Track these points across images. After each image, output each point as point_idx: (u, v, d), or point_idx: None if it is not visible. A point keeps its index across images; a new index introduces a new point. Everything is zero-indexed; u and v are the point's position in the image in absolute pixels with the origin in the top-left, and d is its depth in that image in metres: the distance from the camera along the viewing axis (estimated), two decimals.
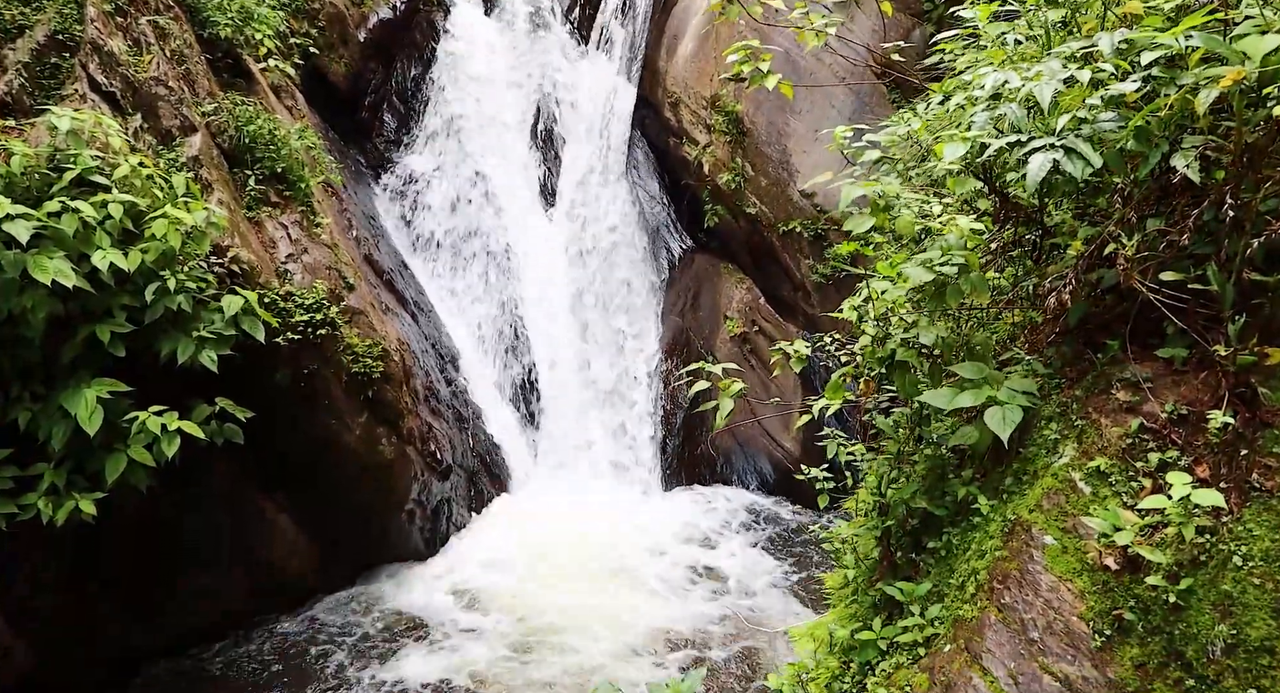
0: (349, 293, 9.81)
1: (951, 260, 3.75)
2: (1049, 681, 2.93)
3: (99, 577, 8.49)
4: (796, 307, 13.51)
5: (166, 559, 8.90)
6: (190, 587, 9.11)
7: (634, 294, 14.06)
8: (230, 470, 9.19)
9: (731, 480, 12.85)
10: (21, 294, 6.86)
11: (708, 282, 13.97)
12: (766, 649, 9.41)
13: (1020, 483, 3.52)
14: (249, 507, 9.49)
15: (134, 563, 8.66)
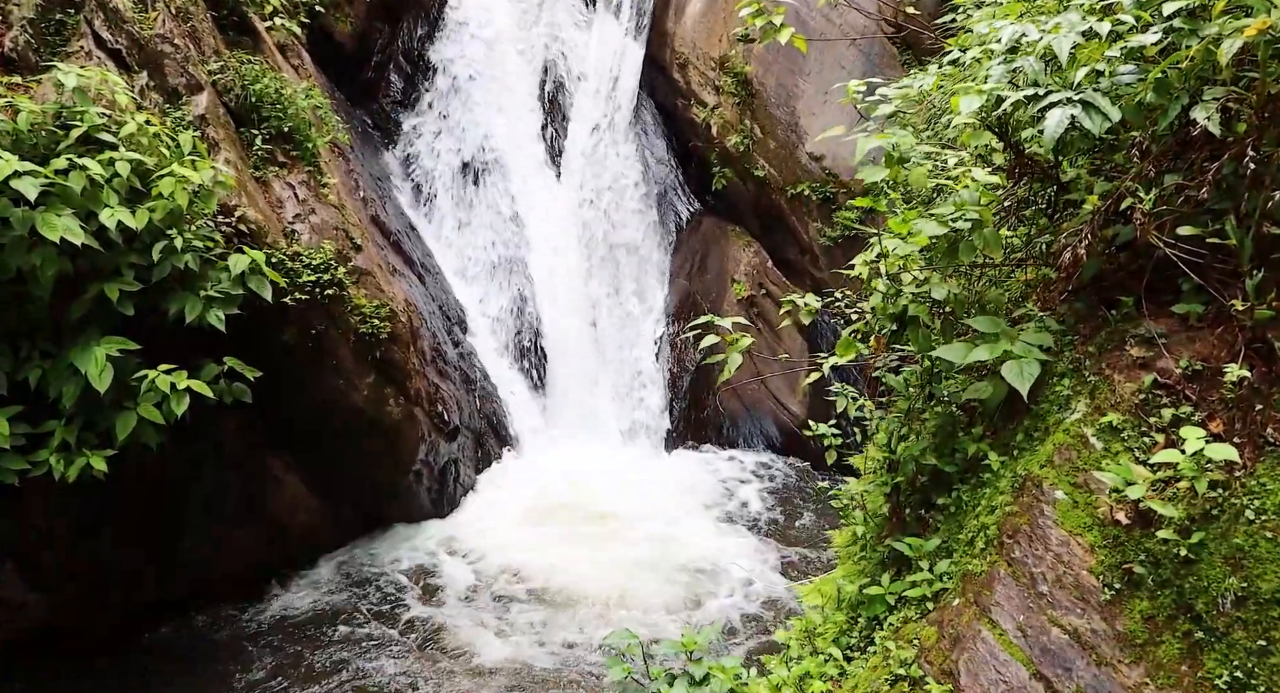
0: (356, 254, 9.79)
1: (965, 216, 3.72)
2: (1058, 633, 2.95)
3: (111, 533, 8.56)
4: (804, 270, 13.46)
5: (177, 516, 8.97)
6: (200, 543, 9.19)
7: (641, 257, 14.02)
8: (239, 430, 9.24)
9: (738, 443, 12.89)
10: (30, 252, 6.86)
11: (715, 245, 13.92)
12: (772, 605, 9.49)
13: (1031, 439, 3.51)
14: (258, 466, 9.55)
15: (145, 520, 8.74)
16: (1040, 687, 2.88)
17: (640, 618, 9.19)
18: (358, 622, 9.27)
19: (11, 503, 7.70)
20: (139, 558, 8.82)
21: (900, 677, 3.20)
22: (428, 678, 8.48)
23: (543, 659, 8.75)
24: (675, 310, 13.69)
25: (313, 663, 8.64)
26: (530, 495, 11.40)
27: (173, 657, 8.71)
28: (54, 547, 8.32)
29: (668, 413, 13.20)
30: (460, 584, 9.91)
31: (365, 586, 9.86)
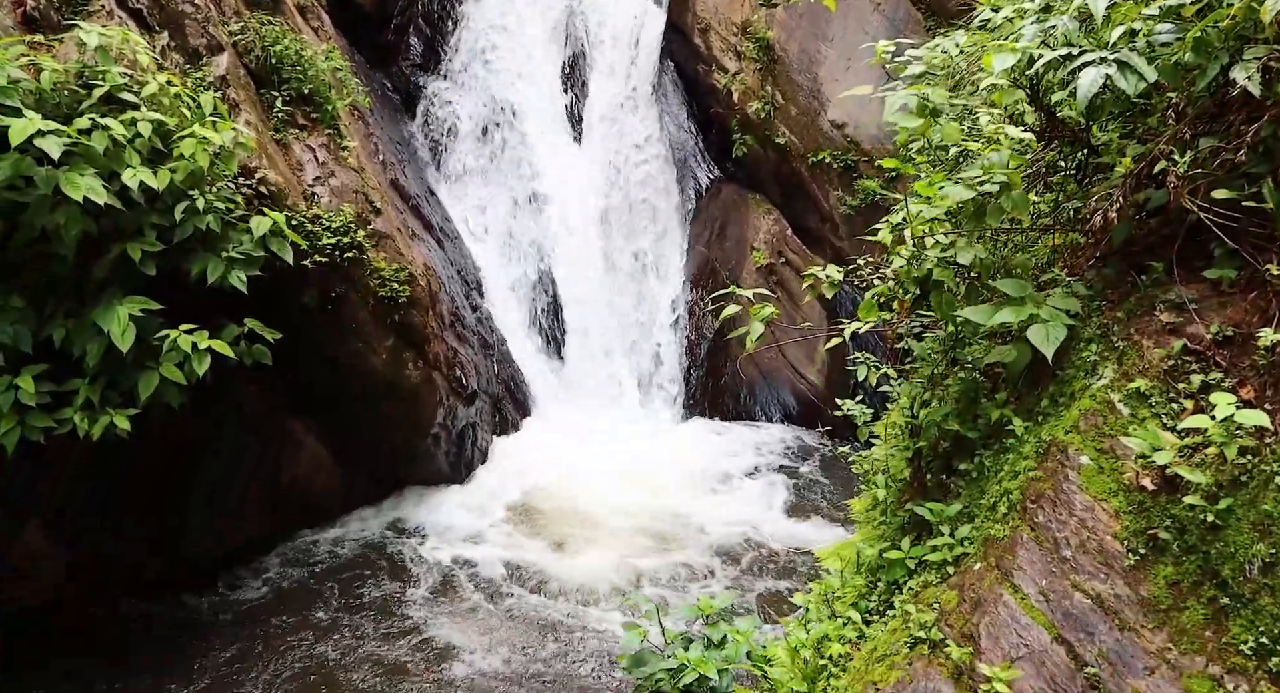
0: (376, 217, 9.79)
1: (993, 178, 3.67)
2: (1080, 598, 2.94)
3: (133, 491, 8.65)
4: (824, 238, 13.38)
5: (199, 476, 9.06)
6: (221, 503, 9.29)
7: (660, 224, 13.96)
8: (259, 392, 9.30)
9: (755, 412, 12.89)
10: (54, 211, 6.89)
11: (735, 212, 13.84)
12: (790, 568, 9.53)
13: (1056, 405, 3.49)
14: (277, 428, 9.62)
15: (167, 479, 8.83)
16: (1062, 651, 2.88)
17: (650, 590, 9.25)
18: (375, 582, 9.37)
19: (37, 461, 7.79)
20: (160, 517, 8.92)
21: (920, 640, 3.20)
22: (438, 638, 8.59)
23: (552, 623, 8.83)
24: (694, 278, 13.64)
25: (329, 622, 8.75)
26: (545, 461, 11.45)
27: (191, 615, 8.84)
28: (78, 506, 8.43)
29: (685, 381, 13.20)
30: (474, 548, 10.00)
31: (382, 548, 9.96)
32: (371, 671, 8.14)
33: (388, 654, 8.35)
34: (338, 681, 8.01)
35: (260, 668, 8.16)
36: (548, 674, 8.13)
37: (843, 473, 11.43)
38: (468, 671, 8.16)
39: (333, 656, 8.31)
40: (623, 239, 13.71)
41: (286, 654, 8.33)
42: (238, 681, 8.04)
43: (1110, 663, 2.79)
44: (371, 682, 8.00)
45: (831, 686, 3.60)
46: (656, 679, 3.77)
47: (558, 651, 8.44)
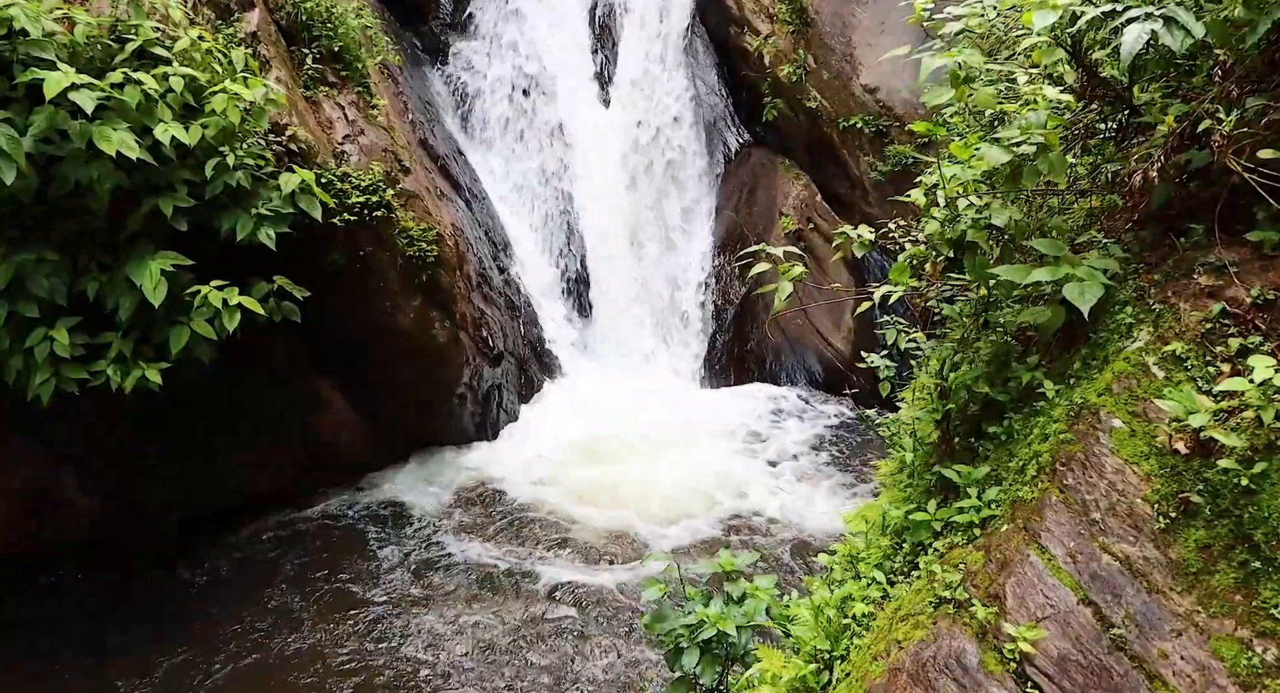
0: (404, 176, 9.80)
1: (1031, 139, 3.61)
2: (1108, 560, 2.93)
3: (163, 444, 8.79)
4: (854, 205, 13.25)
5: (227, 431, 9.18)
6: (249, 458, 9.42)
7: (689, 188, 13.88)
8: (287, 349, 9.39)
9: (780, 377, 12.86)
10: (88, 165, 6.94)
11: (764, 177, 13.73)
12: (813, 531, 9.57)
13: (1089, 368, 3.45)
14: (305, 385, 9.72)
15: (196, 433, 8.94)
16: (1088, 612, 2.87)
17: (670, 547, 9.31)
18: (396, 540, 9.51)
19: (70, 411, 7.91)
20: (187, 470, 9.05)
21: (945, 599, 3.20)
22: (460, 593, 8.71)
23: (571, 580, 8.93)
24: (721, 242, 13.57)
25: (351, 577, 8.90)
26: (571, 423, 11.51)
27: (214, 567, 9.01)
28: (108, 455, 8.57)
29: (710, 345, 13.19)
30: (498, 507, 10.09)
31: (406, 506, 10.08)
32: (394, 617, 8.32)
33: (408, 606, 8.51)
34: (359, 624, 8.17)
35: (285, 614, 8.33)
36: (568, 631, 8.23)
37: (866, 439, 11.43)
38: (486, 622, 8.29)
39: (355, 602, 8.48)
40: (650, 203, 13.64)
41: (312, 599, 8.52)
42: (264, 625, 8.21)
43: (1137, 625, 2.78)
44: (394, 627, 8.17)
45: (854, 644, 3.62)
46: (676, 635, 3.80)
47: (578, 605, 8.54)
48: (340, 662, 7.84)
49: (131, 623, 8.23)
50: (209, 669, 7.74)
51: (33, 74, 6.59)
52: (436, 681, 7.68)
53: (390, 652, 7.96)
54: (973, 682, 2.90)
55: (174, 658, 7.84)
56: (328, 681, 7.65)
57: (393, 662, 7.84)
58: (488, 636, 8.19)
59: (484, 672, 7.79)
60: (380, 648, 8.01)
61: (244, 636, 8.12)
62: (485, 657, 7.97)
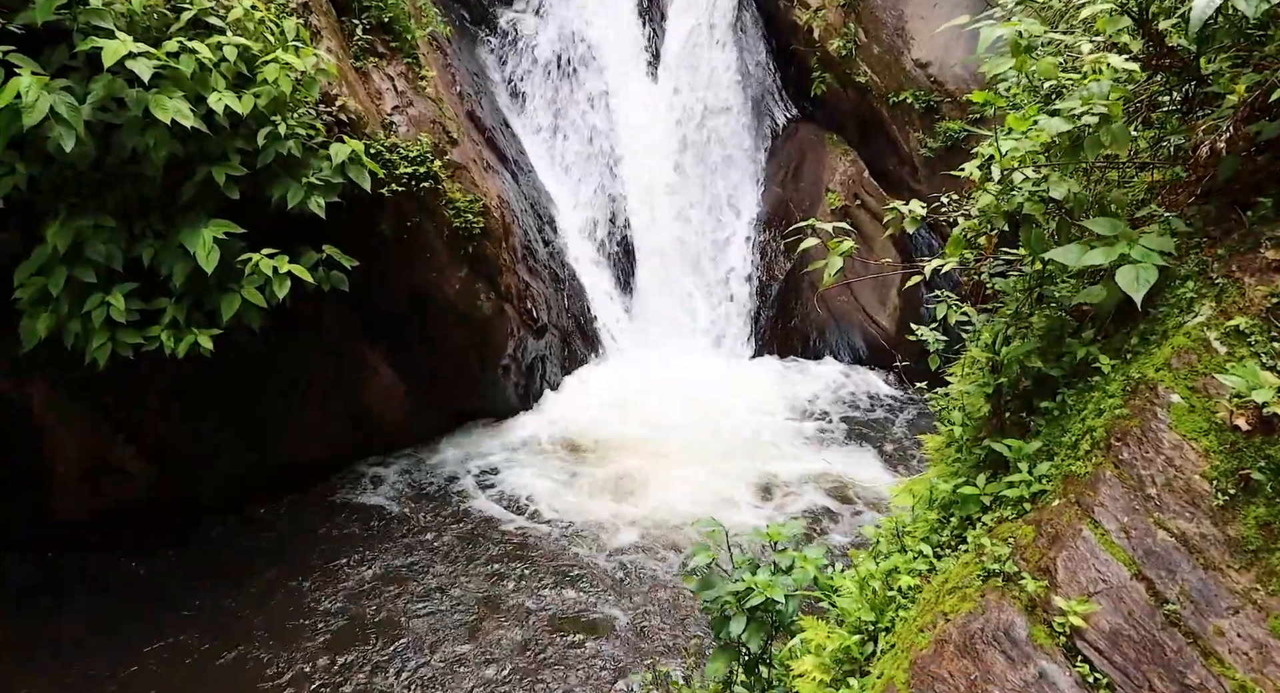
0: (452, 147, 9.83)
1: (1093, 109, 3.54)
2: (1163, 536, 2.89)
3: (213, 411, 8.94)
4: (902, 181, 13.10)
5: (276, 398, 9.32)
6: (295, 427, 9.57)
7: (735, 163, 13.79)
8: (337, 319, 9.49)
9: (823, 354, 12.80)
10: (144, 133, 7.04)
11: (811, 152, 13.61)
12: (855, 506, 9.55)
13: (1147, 343, 3.39)
14: (353, 354, 9.84)
15: (244, 400, 9.09)
16: (1141, 587, 2.84)
17: (715, 516, 9.34)
18: (438, 508, 9.63)
19: (125, 377, 8.08)
20: (237, 436, 9.22)
21: (994, 572, 3.18)
22: (501, 557, 8.83)
23: (617, 547, 9.01)
24: (767, 218, 13.49)
25: (392, 545, 9.02)
26: (614, 397, 11.56)
27: (263, 531, 9.20)
28: (162, 420, 8.75)
29: (754, 321, 13.15)
30: (540, 475, 10.17)
31: (450, 474, 10.20)
32: (435, 582, 8.45)
33: (451, 569, 8.64)
34: (399, 590, 8.30)
35: (330, 573, 8.47)
36: (608, 596, 8.31)
37: (910, 417, 11.35)
38: (526, 589, 8.38)
39: (398, 569, 8.60)
40: (696, 177, 13.58)
41: (355, 561, 8.67)
42: (302, 591, 8.37)
43: (1192, 601, 2.74)
44: (434, 592, 8.31)
45: (900, 616, 3.61)
46: (723, 602, 3.82)
47: (621, 574, 8.61)
48: (380, 619, 8.00)
49: (188, 582, 8.44)
50: (255, 621, 7.94)
51: (92, 42, 6.68)
52: (480, 644, 7.80)
53: (430, 613, 8.09)
54: (1021, 654, 2.89)
55: (225, 614, 8.05)
56: (368, 634, 7.81)
57: (432, 622, 7.97)
58: (523, 603, 8.29)
59: (523, 636, 7.89)
60: (419, 608, 8.15)
61: (289, 593, 8.29)
62: (523, 622, 8.07)
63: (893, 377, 12.14)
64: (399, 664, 7.56)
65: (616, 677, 7.37)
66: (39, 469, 8.51)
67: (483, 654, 7.69)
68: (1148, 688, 2.68)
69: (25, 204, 7.26)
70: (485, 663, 7.59)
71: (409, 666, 7.55)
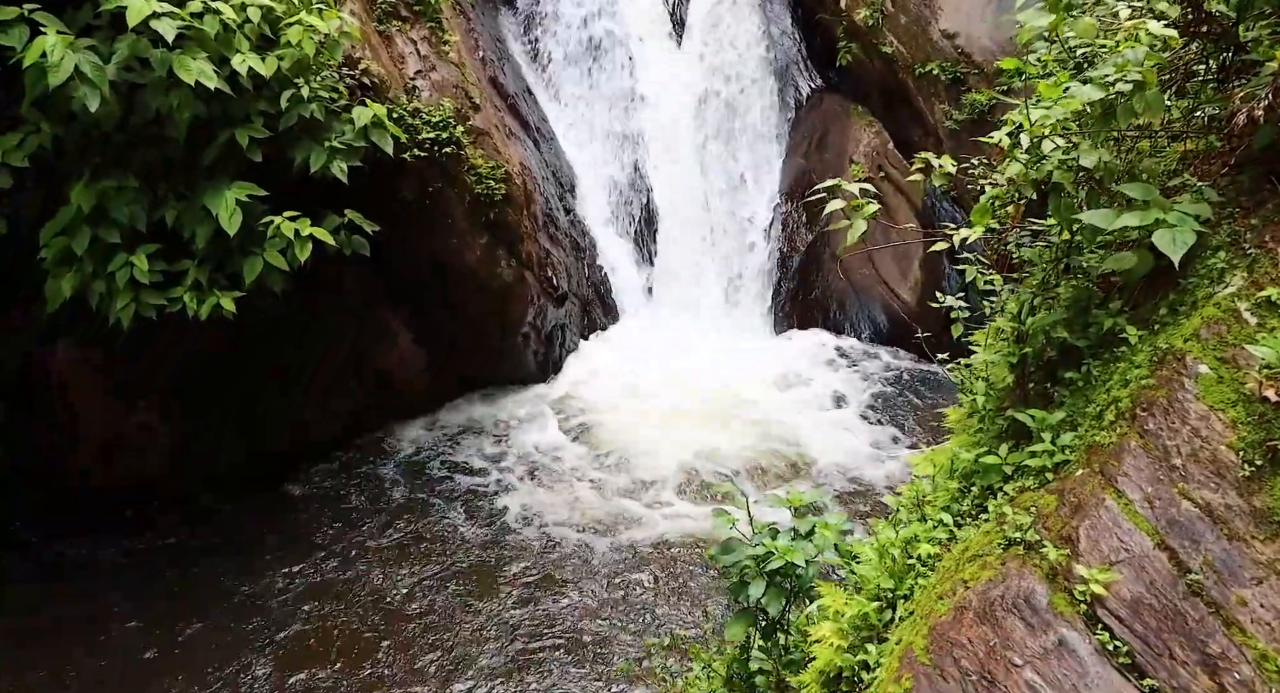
0: (474, 113, 9.80)
1: (1127, 77, 3.48)
2: (1188, 506, 2.87)
3: (237, 373, 9.00)
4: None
5: (298, 361, 9.37)
6: (320, 389, 9.63)
7: (758, 133, 13.68)
8: (359, 284, 9.52)
9: (843, 328, 12.74)
10: (168, 94, 7.05)
11: (835, 124, 13.47)
12: (873, 477, 9.57)
13: (1176, 314, 3.36)
14: (374, 320, 9.87)
15: (269, 362, 9.15)
16: (1164, 557, 2.83)
17: (730, 487, 9.38)
18: (456, 473, 9.72)
19: (148, 339, 8.14)
20: (263, 399, 9.29)
21: (1015, 541, 3.17)
22: (516, 523, 8.95)
23: (627, 514, 9.08)
24: (789, 189, 13.39)
25: (413, 509, 9.14)
26: (632, 367, 11.56)
27: (286, 496, 9.28)
28: (186, 383, 8.82)
29: (774, 292, 13.09)
30: (555, 443, 10.22)
31: (468, 441, 10.27)
32: (453, 547, 8.62)
33: (464, 534, 8.77)
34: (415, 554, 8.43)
35: (350, 541, 8.59)
36: (617, 561, 8.38)
37: (930, 390, 11.32)
38: (536, 553, 8.49)
39: (413, 535, 8.75)
40: (719, 147, 13.48)
41: (377, 525, 8.83)
42: (321, 549, 8.50)
43: (1215, 571, 2.73)
44: (452, 557, 8.47)
45: (919, 584, 3.61)
46: (742, 566, 3.83)
47: (630, 539, 8.69)
48: (406, 585, 8.14)
49: (208, 552, 8.55)
50: (281, 588, 8.05)
51: (116, 2, 6.68)
52: (494, 594, 7.94)
53: (446, 577, 8.22)
54: (1041, 622, 2.89)
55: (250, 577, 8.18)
56: (388, 595, 7.97)
57: (452, 587, 8.09)
58: (531, 559, 8.41)
59: (539, 596, 7.99)
60: (438, 573, 8.26)
61: (313, 560, 8.41)
62: (537, 581, 8.18)
63: (913, 350, 12.09)
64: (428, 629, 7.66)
65: (640, 634, 7.47)
66: (61, 436, 8.61)
67: (494, 619, 7.78)
68: (1168, 656, 2.68)
69: (50, 164, 7.30)
70: (496, 626, 7.69)
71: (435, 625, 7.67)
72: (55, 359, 8.35)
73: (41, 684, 7.12)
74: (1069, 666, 2.78)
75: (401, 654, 7.39)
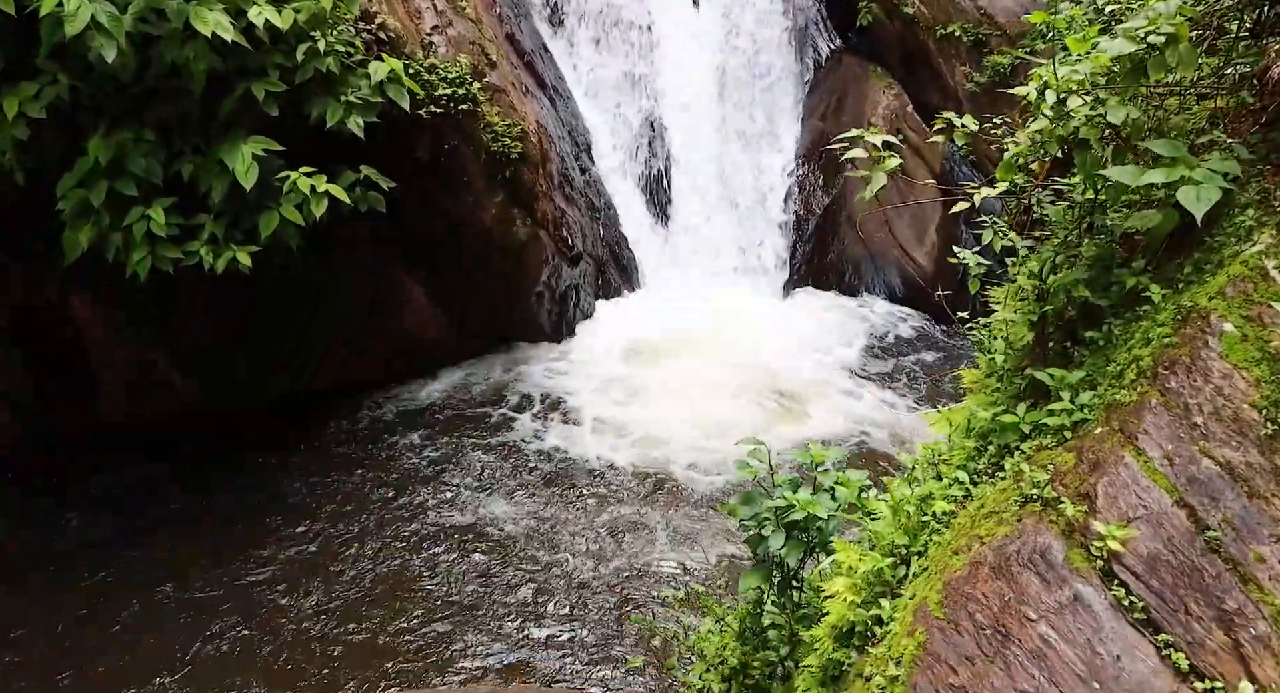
0: (491, 70, 9.73)
1: (1159, 30, 3.42)
2: (1208, 464, 2.86)
3: (253, 327, 9.05)
4: None
5: (315, 317, 9.41)
6: (336, 345, 9.67)
7: (776, 94, 13.55)
8: (374, 241, 9.52)
9: (859, 290, 12.70)
10: (184, 46, 7.01)
11: (854, 85, 13.32)
12: (887, 438, 9.60)
13: (1200, 273, 3.32)
14: (389, 277, 9.89)
15: (285, 317, 9.19)
16: (1183, 514, 2.82)
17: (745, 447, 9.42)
18: (468, 430, 9.79)
19: (165, 293, 8.17)
20: (279, 353, 9.34)
21: (1032, 497, 3.17)
22: (532, 478, 9.07)
23: (641, 471, 9.14)
24: (806, 151, 13.29)
25: (429, 461, 9.27)
26: (646, 327, 11.57)
27: (303, 448, 9.36)
28: (202, 337, 8.87)
29: (790, 255, 13.04)
30: (568, 404, 10.28)
31: (480, 398, 10.33)
32: (465, 498, 8.78)
33: (481, 484, 8.94)
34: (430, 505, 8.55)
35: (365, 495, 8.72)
36: (631, 515, 8.46)
37: (945, 354, 11.30)
38: (547, 507, 8.58)
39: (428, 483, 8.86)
40: (736, 108, 13.36)
41: (392, 481, 8.93)
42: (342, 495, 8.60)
43: (1234, 528, 2.72)
44: (463, 505, 8.62)
45: (933, 540, 3.62)
46: (761, 519, 3.85)
47: (643, 494, 8.75)
48: (424, 534, 8.31)
49: (222, 495, 8.65)
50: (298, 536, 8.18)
51: None
52: (515, 547, 8.09)
53: (451, 527, 8.33)
54: (1057, 577, 2.89)
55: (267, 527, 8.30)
56: (407, 543, 8.15)
57: (467, 537, 8.21)
58: (551, 514, 8.48)
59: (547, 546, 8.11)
60: (454, 524, 8.37)
61: (334, 512, 8.52)
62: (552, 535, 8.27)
63: (928, 314, 12.04)
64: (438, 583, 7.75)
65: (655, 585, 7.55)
66: (85, 378, 8.69)
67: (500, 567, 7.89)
68: (1184, 612, 2.68)
69: (68, 116, 7.28)
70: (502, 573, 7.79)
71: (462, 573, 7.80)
72: (75, 307, 8.40)
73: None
74: (1084, 620, 2.78)
75: (422, 604, 7.52)
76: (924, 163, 12.57)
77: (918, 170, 12.44)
